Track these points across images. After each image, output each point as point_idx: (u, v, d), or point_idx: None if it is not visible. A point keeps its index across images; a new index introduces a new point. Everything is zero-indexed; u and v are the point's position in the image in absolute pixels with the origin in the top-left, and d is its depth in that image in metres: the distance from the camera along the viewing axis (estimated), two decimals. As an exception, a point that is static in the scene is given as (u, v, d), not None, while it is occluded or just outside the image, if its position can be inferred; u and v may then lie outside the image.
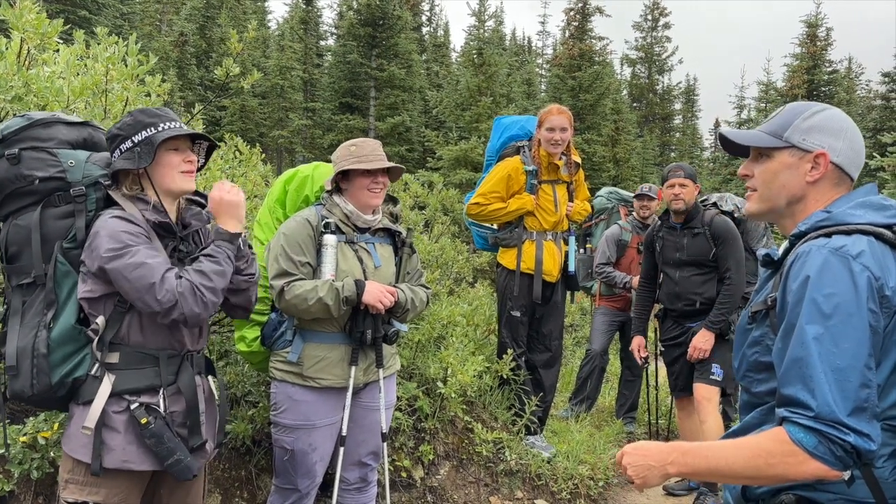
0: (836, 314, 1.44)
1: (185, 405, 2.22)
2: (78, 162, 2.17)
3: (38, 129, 2.16)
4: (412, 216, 5.63)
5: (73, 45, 3.50)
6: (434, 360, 4.24)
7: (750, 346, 1.68)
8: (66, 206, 2.14)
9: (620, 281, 5.83)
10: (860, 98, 36.76)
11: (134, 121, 2.19)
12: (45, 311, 2.09)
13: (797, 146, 1.67)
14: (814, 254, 1.51)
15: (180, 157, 2.25)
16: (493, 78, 19.91)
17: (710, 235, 4.44)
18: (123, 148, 2.17)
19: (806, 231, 1.61)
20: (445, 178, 14.19)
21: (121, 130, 2.18)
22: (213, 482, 3.34)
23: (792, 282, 1.53)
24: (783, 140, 1.69)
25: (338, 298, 2.79)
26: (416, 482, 3.93)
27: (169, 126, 2.20)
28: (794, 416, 1.44)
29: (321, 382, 2.88)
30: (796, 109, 1.71)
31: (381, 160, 2.94)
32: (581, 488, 4.49)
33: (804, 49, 27.37)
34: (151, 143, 2.15)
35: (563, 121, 4.49)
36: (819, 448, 1.41)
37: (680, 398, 4.90)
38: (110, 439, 2.07)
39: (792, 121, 1.69)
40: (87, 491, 2.08)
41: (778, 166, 1.69)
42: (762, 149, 1.72)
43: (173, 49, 30.29)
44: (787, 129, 1.69)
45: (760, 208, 1.75)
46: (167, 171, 2.23)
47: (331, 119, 28.38)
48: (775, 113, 1.76)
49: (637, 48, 41.03)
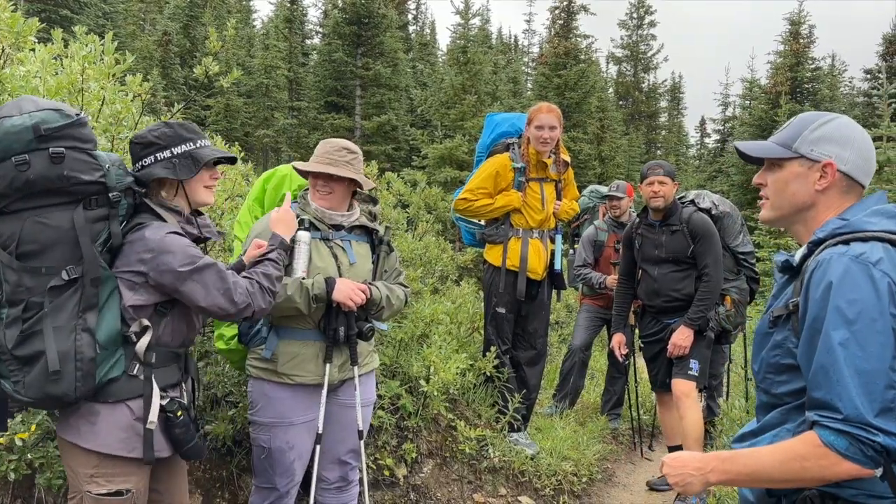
0: (860, 319, 1.52)
1: (191, 394, 2.46)
2: (113, 165, 2.18)
3: (77, 128, 2.10)
4: (395, 214, 5.63)
5: (51, 44, 3.47)
6: (417, 358, 4.24)
7: (771, 349, 1.74)
8: (100, 209, 2.14)
9: (596, 282, 5.90)
10: (843, 95, 37.05)
11: (174, 133, 2.30)
12: (80, 314, 2.09)
13: (806, 156, 1.75)
14: (835, 261, 1.58)
15: (209, 173, 2.42)
16: (477, 76, 19.92)
17: (689, 232, 4.47)
18: (160, 156, 2.27)
19: (824, 238, 1.67)
20: (431, 177, 14.20)
21: (159, 139, 2.27)
22: (193, 483, 3.32)
23: (814, 289, 1.60)
24: (793, 150, 1.77)
25: (307, 296, 2.78)
26: (399, 480, 3.93)
27: (204, 144, 2.36)
28: (824, 419, 1.52)
29: (295, 379, 2.87)
30: (806, 120, 1.79)
31: (327, 165, 2.92)
32: (565, 485, 4.51)
33: (787, 47, 27.56)
34: (195, 159, 2.29)
35: (551, 119, 4.50)
36: (850, 449, 1.48)
37: (660, 393, 4.93)
38: (121, 432, 2.18)
39: (801, 132, 1.77)
40: (119, 481, 2.18)
41: (788, 176, 1.77)
42: (773, 159, 1.80)
43: (157, 48, 30.07)
44: (796, 140, 1.77)
45: (772, 216, 1.83)
46: (198, 185, 2.39)
47: (316, 118, 28.25)
48: (787, 123, 1.85)
49: (623, 46, 41.15)
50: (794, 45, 27.37)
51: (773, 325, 1.74)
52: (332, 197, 2.97)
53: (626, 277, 4.90)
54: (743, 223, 5.03)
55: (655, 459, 5.70)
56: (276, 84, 30.77)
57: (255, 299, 2.32)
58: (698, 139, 48.74)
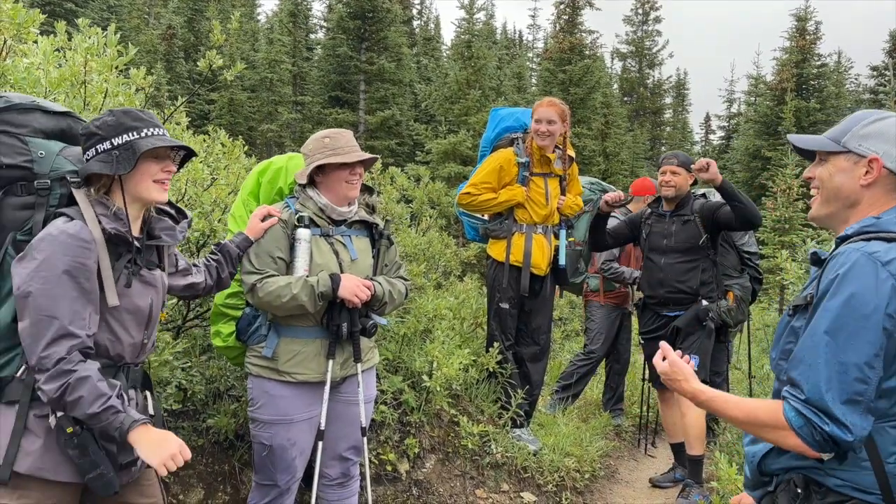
0: (852, 313, 1.56)
1: None
2: (48, 153, 2.07)
3: (14, 113, 2.05)
4: (398, 209, 5.61)
5: (54, 37, 3.45)
6: (420, 353, 4.23)
7: (787, 336, 1.78)
8: (27, 196, 2.03)
9: (629, 276, 5.77)
10: (849, 92, 36.92)
11: (115, 121, 2.06)
12: None
13: (853, 151, 1.76)
14: (847, 254, 1.62)
15: (159, 166, 2.13)
16: (481, 71, 19.89)
17: (701, 220, 4.44)
18: (101, 149, 2.05)
19: (851, 234, 1.70)
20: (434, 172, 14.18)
21: (99, 129, 2.05)
22: (195, 477, 3.32)
23: (825, 279, 1.65)
24: (841, 145, 1.78)
25: (313, 294, 2.75)
26: (402, 476, 3.92)
27: (152, 132, 2.09)
28: (791, 397, 1.63)
29: (297, 377, 2.84)
30: (858, 116, 1.81)
31: (357, 152, 2.90)
32: (567, 481, 4.49)
33: (793, 43, 27.48)
34: (133, 150, 2.03)
35: (550, 113, 4.47)
36: (803, 429, 1.60)
37: (662, 391, 4.91)
38: (28, 444, 1.93)
39: (851, 127, 1.78)
40: (16, 495, 1.93)
41: (833, 169, 1.79)
42: (822, 153, 1.83)
43: (161, 42, 30.08)
44: (846, 135, 1.78)
45: (820, 211, 1.85)
46: (142, 179, 2.10)
47: (320, 113, 28.26)
48: (842, 120, 1.87)
49: (628, 42, 41.05)
50: (801, 41, 27.29)
51: (791, 315, 1.78)
52: (360, 183, 2.97)
53: (611, 236, 4.86)
54: None
55: (658, 456, 5.69)
56: (280, 78, 30.77)
57: (63, 383, 1.87)
58: (703, 136, 48.63)
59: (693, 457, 4.42)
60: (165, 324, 3.41)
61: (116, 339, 2.10)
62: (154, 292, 2.22)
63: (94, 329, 1.99)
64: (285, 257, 2.85)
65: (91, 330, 1.98)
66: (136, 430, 1.92)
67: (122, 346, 2.12)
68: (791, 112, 23.68)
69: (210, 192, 3.81)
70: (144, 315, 2.18)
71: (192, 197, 3.74)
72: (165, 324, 3.41)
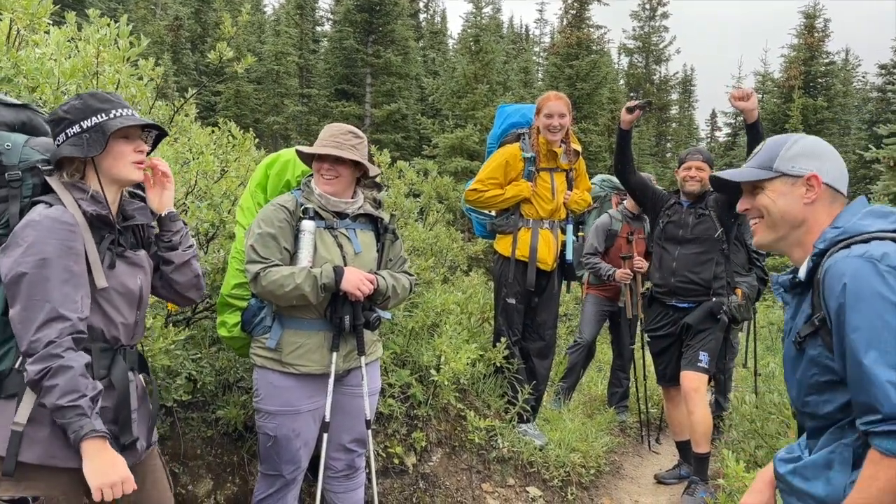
0: (878, 318, 1.52)
1: (116, 401, 2.11)
2: (15, 145, 2.06)
3: None
4: (406, 203, 5.61)
5: (65, 27, 3.46)
6: (427, 347, 4.24)
7: (806, 369, 1.73)
8: None
9: (605, 273, 5.80)
10: (857, 90, 36.76)
11: (83, 104, 2.06)
12: None
13: (787, 173, 1.80)
14: (840, 264, 1.61)
15: (131, 147, 2.13)
16: (489, 65, 19.84)
17: (716, 214, 4.46)
18: (70, 133, 2.04)
19: (825, 248, 1.69)
20: (441, 166, 14.17)
21: (67, 114, 2.05)
22: (204, 467, 3.33)
23: (830, 295, 1.61)
24: (773, 170, 1.82)
25: (315, 285, 2.75)
26: (409, 469, 3.94)
27: (121, 113, 2.09)
28: (872, 426, 1.51)
29: (300, 369, 2.86)
30: (778, 141, 1.86)
31: (333, 148, 2.87)
32: (573, 476, 4.51)
33: (802, 40, 27.34)
34: (103, 132, 2.03)
35: (560, 106, 4.47)
36: None
37: (668, 388, 4.91)
38: (35, 433, 1.93)
39: (777, 152, 1.83)
40: (22, 486, 1.94)
41: (774, 195, 1.81)
42: (755, 182, 1.84)
43: (168, 33, 30.05)
44: (774, 160, 1.82)
45: (768, 237, 1.85)
46: (118, 161, 2.11)
47: (326, 106, 28.21)
48: (758, 148, 1.90)
49: (635, 38, 40.82)
50: (809, 38, 27.15)
51: (799, 346, 1.74)
52: (337, 182, 2.92)
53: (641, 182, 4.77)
54: None
55: (663, 453, 5.69)
56: (287, 71, 30.74)
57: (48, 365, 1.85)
58: (709, 133, 48.45)
59: (699, 454, 4.42)
60: (175, 315, 3.42)
61: (110, 322, 2.11)
62: (142, 272, 2.23)
63: (86, 312, 1.99)
64: (289, 248, 2.86)
65: (83, 313, 1.97)
66: (90, 441, 1.87)
67: (116, 328, 2.13)
68: (798, 110, 23.58)
69: (220, 183, 3.82)
70: (135, 296, 2.19)
71: (202, 189, 3.75)
72: (175, 315, 3.42)
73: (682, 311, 4.56)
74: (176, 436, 3.24)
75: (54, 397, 1.84)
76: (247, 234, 2.91)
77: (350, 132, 2.95)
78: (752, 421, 4.76)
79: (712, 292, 4.46)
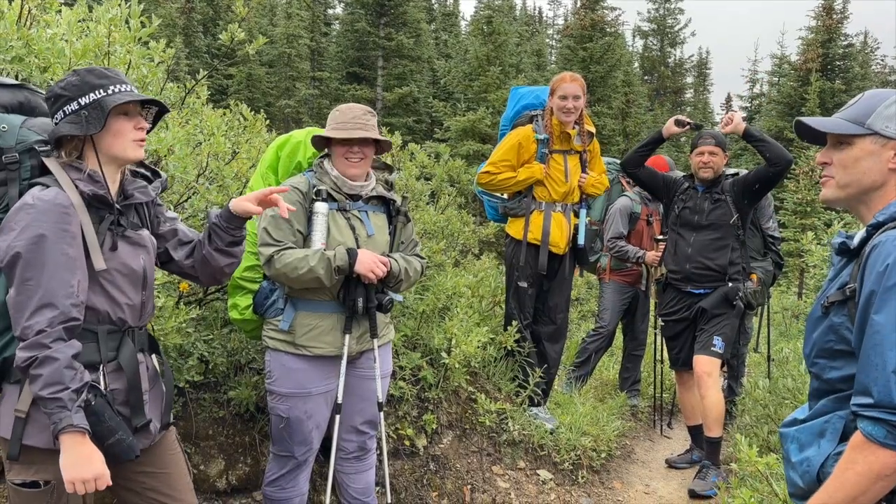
0: None
1: (127, 383, 2.09)
2: (11, 126, 2.01)
3: None
4: (418, 186, 5.59)
5: (76, 7, 3.45)
6: (438, 330, 4.24)
7: (824, 333, 1.69)
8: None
9: (633, 255, 5.73)
10: (875, 73, 36.23)
11: (80, 81, 1.99)
12: None
13: (880, 133, 1.67)
14: (889, 244, 1.53)
15: (131, 124, 2.07)
16: (502, 47, 19.70)
17: (732, 199, 4.42)
18: (68, 110, 1.98)
19: (884, 221, 1.61)
20: (453, 150, 14.12)
21: (65, 91, 1.99)
22: (216, 448, 3.35)
23: (869, 272, 1.55)
24: (865, 127, 1.68)
25: (329, 268, 2.75)
26: (420, 451, 3.95)
27: (120, 89, 2.02)
28: (862, 409, 1.49)
29: (313, 351, 2.86)
30: (879, 96, 1.72)
31: (359, 129, 2.86)
32: (583, 460, 4.51)
33: (819, 22, 26.94)
34: (101, 108, 1.97)
35: (575, 88, 4.41)
36: (889, 437, 1.45)
37: (680, 373, 4.90)
38: (43, 417, 1.89)
39: (874, 107, 1.69)
40: (33, 470, 1.95)
41: (859, 153, 1.69)
42: (843, 136, 1.72)
43: (180, 16, 30.02)
44: (869, 116, 1.69)
45: (838, 195, 1.75)
46: (118, 138, 2.05)
47: (338, 89, 28.16)
48: (854, 100, 1.77)
49: (649, 20, 40.43)
50: (827, 20, 26.75)
51: (826, 310, 1.69)
52: (363, 163, 2.92)
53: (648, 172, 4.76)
54: (774, 205, 4.96)
55: (674, 438, 5.68)
56: (299, 54, 30.66)
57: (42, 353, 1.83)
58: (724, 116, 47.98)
59: (711, 438, 4.41)
60: (187, 296, 3.43)
61: (115, 303, 2.07)
62: (145, 252, 2.18)
63: (82, 297, 1.95)
64: (302, 230, 2.86)
65: (79, 298, 1.94)
66: (68, 434, 1.84)
67: (122, 309, 2.09)
68: (816, 93, 23.28)
69: (231, 165, 3.81)
70: (139, 276, 2.15)
71: (213, 170, 3.74)
72: (187, 296, 3.43)
73: (696, 297, 4.53)
74: (188, 416, 3.26)
75: (37, 387, 1.83)
76: (259, 217, 2.89)
77: (367, 112, 2.95)
78: (764, 406, 4.73)
79: (728, 278, 4.43)
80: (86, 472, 1.86)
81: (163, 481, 2.24)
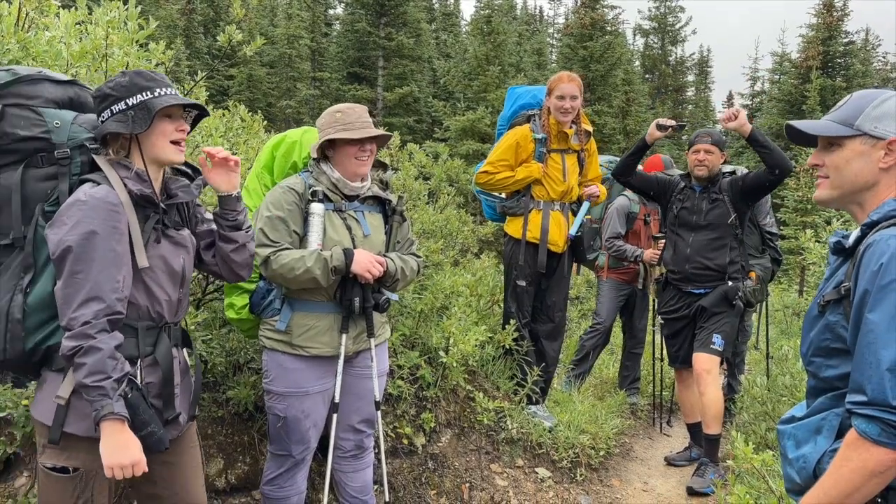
0: None
1: (161, 377, 2.17)
2: (64, 123, 2.08)
3: (23, 85, 2.07)
4: (416, 186, 5.60)
5: (75, 10, 3.46)
6: (436, 329, 4.25)
7: (821, 331, 1.71)
8: (49, 167, 2.06)
9: (631, 254, 5.75)
10: (876, 70, 36.14)
11: (129, 82, 2.09)
12: (21, 275, 2.02)
13: (869, 133, 1.69)
14: (884, 242, 1.55)
15: (173, 126, 2.16)
16: (501, 47, 19.71)
17: (730, 198, 4.42)
18: (115, 109, 2.07)
19: (878, 220, 1.63)
20: (452, 149, 14.13)
21: (114, 91, 2.07)
22: (215, 447, 3.37)
23: (864, 271, 1.57)
24: (854, 128, 1.71)
25: (326, 268, 2.76)
26: (418, 449, 3.97)
27: (165, 92, 2.12)
28: (856, 406, 1.51)
29: (310, 351, 2.87)
30: (867, 97, 1.74)
31: (368, 128, 2.88)
32: (582, 457, 4.52)
33: (820, 19, 26.90)
34: (148, 109, 2.06)
35: (573, 88, 4.42)
36: (882, 435, 1.46)
37: (680, 370, 4.91)
38: (83, 406, 1.97)
39: (863, 108, 1.71)
40: (64, 456, 2.03)
41: (850, 154, 1.72)
42: (833, 138, 1.74)
43: (180, 17, 30.06)
44: (857, 117, 1.71)
45: (832, 195, 1.78)
46: (159, 139, 2.14)
47: (339, 89, 28.18)
48: (843, 101, 1.79)
49: (650, 18, 40.39)
50: (828, 17, 26.72)
51: (822, 309, 1.71)
52: (371, 161, 2.95)
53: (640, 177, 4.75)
54: (770, 204, 4.97)
55: (674, 435, 5.69)
56: (299, 54, 30.69)
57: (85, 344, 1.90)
58: (725, 114, 47.88)
59: (710, 436, 4.42)
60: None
61: (155, 299, 2.16)
62: (185, 251, 2.27)
63: (126, 292, 2.03)
64: (298, 231, 2.87)
65: (123, 293, 2.02)
66: (109, 422, 1.92)
67: (161, 306, 2.18)
68: (816, 90, 23.27)
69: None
70: (178, 274, 2.23)
71: (211, 171, 3.76)
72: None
73: (696, 296, 4.55)
74: (187, 416, 3.28)
75: (81, 375, 1.90)
76: (255, 217, 2.90)
77: (366, 109, 2.98)
78: (763, 403, 4.75)
79: (727, 277, 4.45)
80: (124, 458, 1.95)
81: (178, 473, 2.33)
